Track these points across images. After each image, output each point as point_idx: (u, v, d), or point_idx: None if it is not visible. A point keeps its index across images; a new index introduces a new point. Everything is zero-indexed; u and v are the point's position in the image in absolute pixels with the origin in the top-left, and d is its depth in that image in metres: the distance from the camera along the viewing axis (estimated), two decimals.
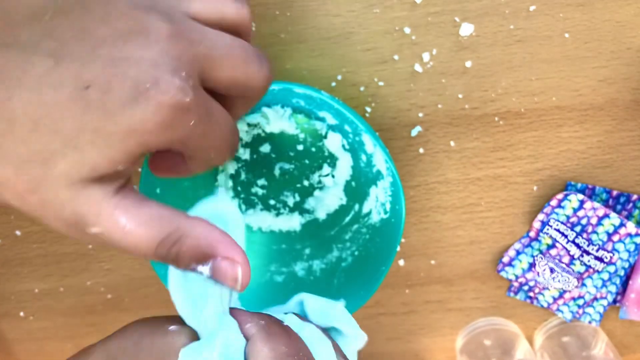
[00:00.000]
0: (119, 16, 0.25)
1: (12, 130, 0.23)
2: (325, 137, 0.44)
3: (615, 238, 0.45)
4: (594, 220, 0.45)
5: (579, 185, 0.46)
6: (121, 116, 0.24)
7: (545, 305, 0.49)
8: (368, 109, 0.44)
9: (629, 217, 0.46)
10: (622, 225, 0.45)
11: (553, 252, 0.47)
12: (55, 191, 0.24)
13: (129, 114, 0.24)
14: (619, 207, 0.46)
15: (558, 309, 0.49)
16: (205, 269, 0.27)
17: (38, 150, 0.24)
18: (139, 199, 0.26)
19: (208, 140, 0.28)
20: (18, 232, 0.49)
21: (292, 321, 0.30)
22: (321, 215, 0.46)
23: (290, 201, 0.46)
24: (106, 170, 0.25)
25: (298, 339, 0.29)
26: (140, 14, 0.25)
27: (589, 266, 0.46)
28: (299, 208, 0.46)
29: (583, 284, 0.47)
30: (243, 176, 0.46)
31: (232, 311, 0.29)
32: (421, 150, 0.45)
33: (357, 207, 0.45)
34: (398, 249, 0.42)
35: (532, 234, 0.47)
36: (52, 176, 0.24)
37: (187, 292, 0.27)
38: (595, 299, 0.48)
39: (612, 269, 0.46)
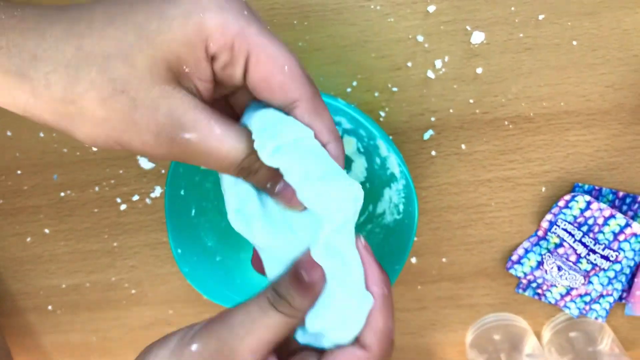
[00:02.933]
0: None
1: (91, 26, 0.24)
2: None
3: (621, 238, 0.47)
4: (600, 221, 0.47)
5: (586, 186, 0.47)
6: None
7: (553, 301, 0.51)
8: (382, 114, 0.46)
9: (634, 217, 0.47)
10: (627, 225, 0.46)
11: (560, 250, 0.48)
12: (145, 89, 0.24)
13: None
14: (624, 207, 0.47)
15: (565, 306, 0.50)
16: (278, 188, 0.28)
17: (117, 45, 0.24)
18: (225, 116, 0.27)
19: None
20: (47, 230, 0.51)
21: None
22: None
23: None
24: (179, 59, 0.25)
25: None
26: None
27: (595, 264, 0.47)
28: None
29: (589, 282, 0.48)
30: None
31: None
32: (433, 153, 0.47)
33: (371, 207, 0.47)
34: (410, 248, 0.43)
35: (540, 233, 0.49)
36: (137, 72, 0.24)
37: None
38: (602, 296, 0.49)
39: (617, 267, 0.48)
